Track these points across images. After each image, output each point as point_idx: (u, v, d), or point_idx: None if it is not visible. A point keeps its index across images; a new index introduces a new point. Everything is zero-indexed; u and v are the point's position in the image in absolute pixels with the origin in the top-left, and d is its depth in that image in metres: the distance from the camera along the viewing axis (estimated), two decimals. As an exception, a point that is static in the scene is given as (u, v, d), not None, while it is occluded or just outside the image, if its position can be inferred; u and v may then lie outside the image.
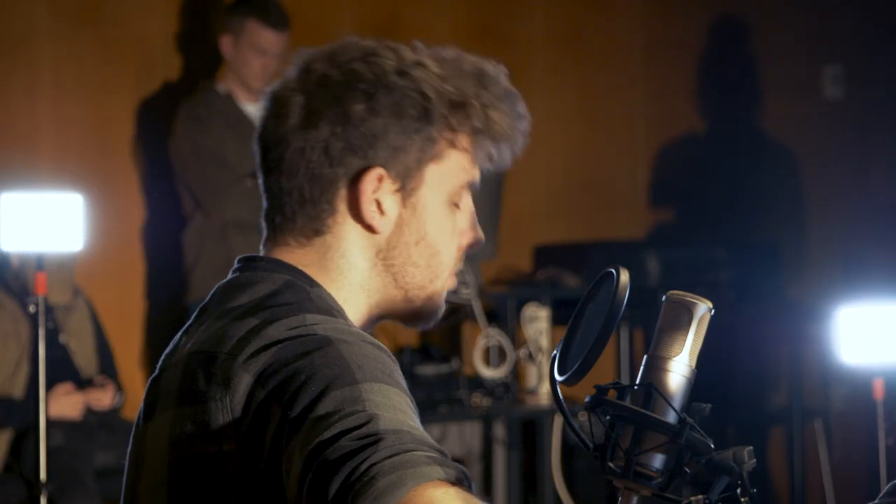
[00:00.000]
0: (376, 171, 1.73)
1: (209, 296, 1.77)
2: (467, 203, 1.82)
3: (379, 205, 1.74)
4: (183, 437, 1.64)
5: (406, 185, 1.75)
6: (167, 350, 1.76)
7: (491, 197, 5.46)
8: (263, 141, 1.78)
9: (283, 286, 1.71)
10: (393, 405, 1.53)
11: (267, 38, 5.29)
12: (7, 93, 5.48)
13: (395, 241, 1.76)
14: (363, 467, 1.43)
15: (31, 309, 4.25)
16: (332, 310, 1.71)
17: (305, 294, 1.71)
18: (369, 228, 1.75)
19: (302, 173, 1.74)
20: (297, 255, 1.77)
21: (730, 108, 6.74)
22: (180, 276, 5.36)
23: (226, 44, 5.34)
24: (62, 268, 4.95)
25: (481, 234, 1.84)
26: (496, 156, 1.80)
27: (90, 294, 5.21)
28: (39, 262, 4.20)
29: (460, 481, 1.45)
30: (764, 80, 6.69)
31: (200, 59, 5.65)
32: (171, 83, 5.67)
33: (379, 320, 1.82)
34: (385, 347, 1.65)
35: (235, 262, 1.79)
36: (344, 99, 1.72)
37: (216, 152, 5.20)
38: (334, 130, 1.72)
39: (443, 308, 1.84)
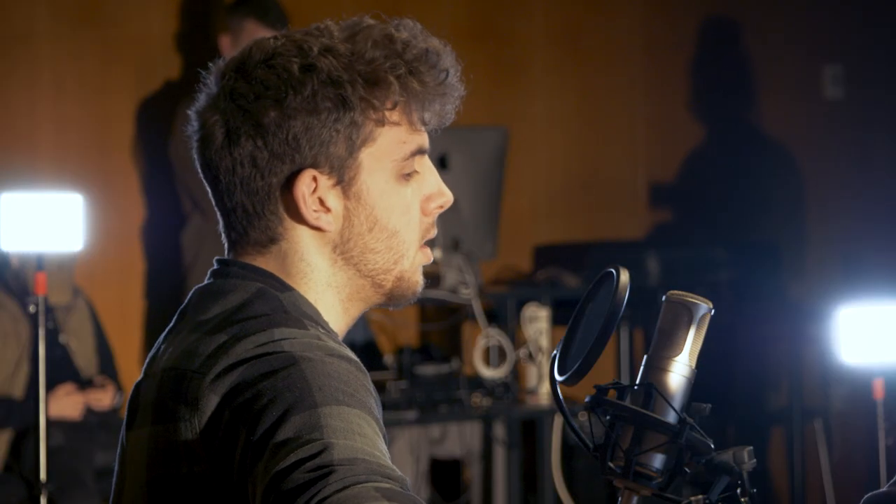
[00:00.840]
0: (308, 173, 1.70)
1: (188, 298, 1.75)
2: (424, 167, 1.78)
3: (322, 202, 1.72)
4: (158, 457, 1.64)
5: (343, 176, 1.71)
6: (151, 353, 1.75)
7: (491, 197, 5.46)
8: (198, 160, 1.76)
9: (255, 295, 1.69)
10: (351, 430, 1.51)
11: None
12: (7, 93, 5.49)
13: (347, 234, 1.73)
14: (313, 503, 1.41)
15: (31, 309, 4.25)
16: (304, 316, 1.69)
17: (277, 302, 1.69)
18: (317, 229, 1.73)
19: (239, 190, 1.72)
20: (259, 263, 1.75)
21: (729, 108, 6.74)
22: (180, 276, 5.36)
23: (225, 43, 5.36)
24: (62, 268, 4.96)
25: (449, 194, 1.79)
26: (434, 116, 1.75)
27: (90, 294, 5.21)
28: (39, 262, 4.20)
29: None
30: (764, 80, 6.69)
31: (200, 59, 5.63)
32: (171, 83, 5.68)
33: (361, 313, 1.79)
34: (354, 359, 1.63)
35: (214, 262, 1.78)
36: (254, 111, 1.70)
37: (215, 152, 5.20)
38: (256, 143, 1.70)
39: (420, 283, 1.79)
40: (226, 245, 1.78)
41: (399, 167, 1.74)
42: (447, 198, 1.78)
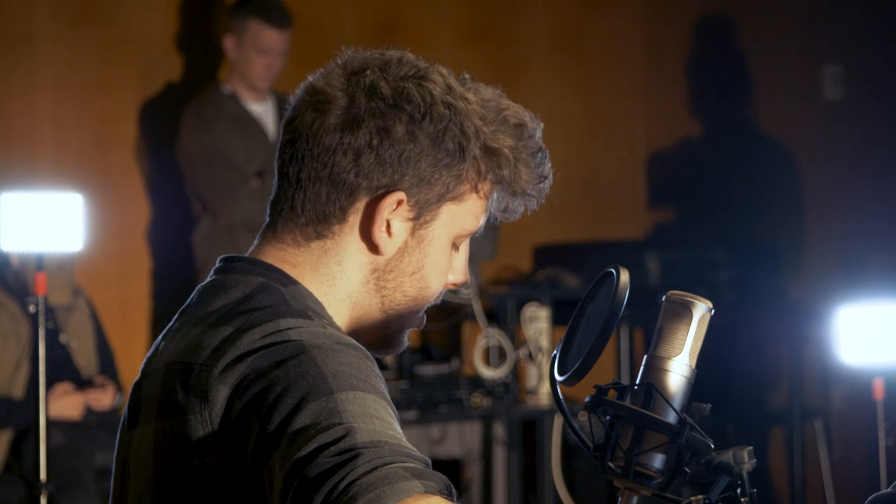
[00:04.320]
0: (397, 195, 1.71)
1: (190, 297, 1.76)
2: (465, 246, 1.82)
3: (389, 226, 1.73)
4: (166, 451, 1.64)
5: (421, 216, 1.73)
6: (149, 353, 1.75)
7: (491, 197, 5.45)
8: (293, 128, 1.74)
9: (257, 289, 1.70)
10: (370, 414, 1.52)
11: (270, 38, 5.31)
12: (7, 93, 5.48)
13: (393, 266, 1.75)
14: (342, 486, 1.42)
15: (31, 309, 4.25)
16: (307, 309, 1.69)
17: (280, 296, 1.69)
18: (373, 247, 1.74)
19: (325, 173, 1.72)
20: (289, 254, 1.75)
21: (729, 108, 6.74)
22: (183, 277, 5.36)
23: (229, 44, 5.35)
24: (62, 268, 4.95)
25: (468, 277, 1.84)
26: (511, 209, 1.80)
27: (90, 294, 5.21)
28: (39, 262, 4.20)
29: (441, 492, 1.44)
30: (764, 80, 6.69)
31: (200, 59, 5.65)
32: (170, 83, 5.67)
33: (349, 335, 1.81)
34: (361, 347, 1.64)
35: (217, 261, 1.78)
36: (389, 115, 1.70)
37: (223, 153, 5.21)
38: (371, 142, 1.70)
39: (404, 345, 1.82)
40: (266, 218, 1.78)
41: (458, 236, 1.78)
42: (465, 280, 1.83)
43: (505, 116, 1.75)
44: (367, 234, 1.73)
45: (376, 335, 1.79)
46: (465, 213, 1.76)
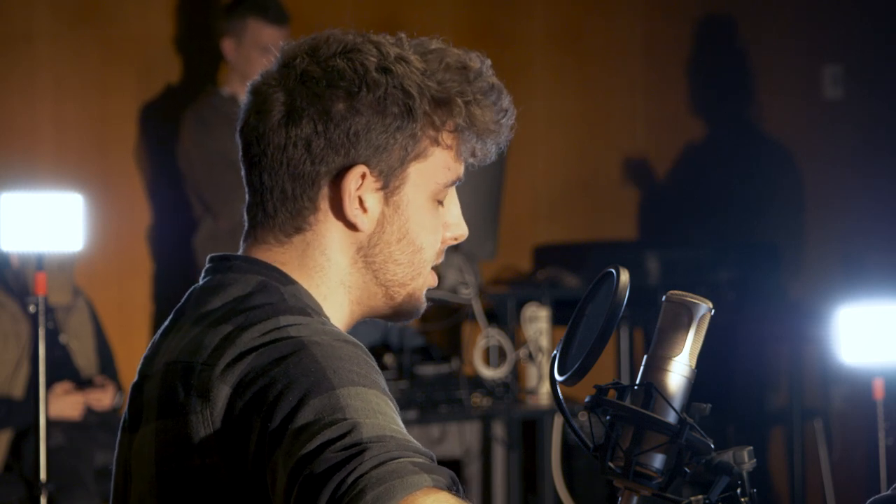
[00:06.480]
0: (359, 169, 1.72)
1: (185, 298, 1.76)
2: (452, 198, 1.81)
3: (361, 202, 1.73)
4: (167, 451, 1.63)
5: (389, 183, 1.73)
6: (146, 353, 1.75)
7: (491, 197, 5.46)
8: (245, 135, 1.77)
9: (256, 288, 1.70)
10: (373, 409, 1.52)
11: (270, 35, 5.31)
12: (7, 93, 5.48)
13: (376, 239, 1.75)
14: (350, 480, 1.42)
15: (31, 309, 4.25)
16: (306, 308, 1.69)
17: (279, 294, 1.70)
18: (351, 226, 1.74)
19: (283, 170, 1.73)
20: (275, 253, 1.75)
21: (729, 108, 6.74)
22: (184, 278, 5.36)
23: (228, 46, 5.34)
24: (62, 268, 4.95)
25: (465, 228, 1.83)
26: (480, 151, 1.79)
27: (90, 294, 5.21)
28: (39, 262, 4.20)
29: (449, 487, 1.44)
30: (764, 80, 6.69)
31: (200, 59, 5.65)
32: (171, 82, 5.67)
33: (363, 318, 1.81)
34: (360, 344, 1.64)
35: (207, 261, 1.78)
36: (325, 97, 1.71)
37: (224, 155, 5.20)
38: (316, 128, 1.71)
39: (424, 305, 1.82)
40: (245, 225, 1.78)
41: (437, 191, 1.77)
42: (463, 232, 1.83)
43: (447, 64, 1.74)
44: (341, 216, 1.74)
45: (387, 308, 1.80)
46: (434, 168, 1.76)
